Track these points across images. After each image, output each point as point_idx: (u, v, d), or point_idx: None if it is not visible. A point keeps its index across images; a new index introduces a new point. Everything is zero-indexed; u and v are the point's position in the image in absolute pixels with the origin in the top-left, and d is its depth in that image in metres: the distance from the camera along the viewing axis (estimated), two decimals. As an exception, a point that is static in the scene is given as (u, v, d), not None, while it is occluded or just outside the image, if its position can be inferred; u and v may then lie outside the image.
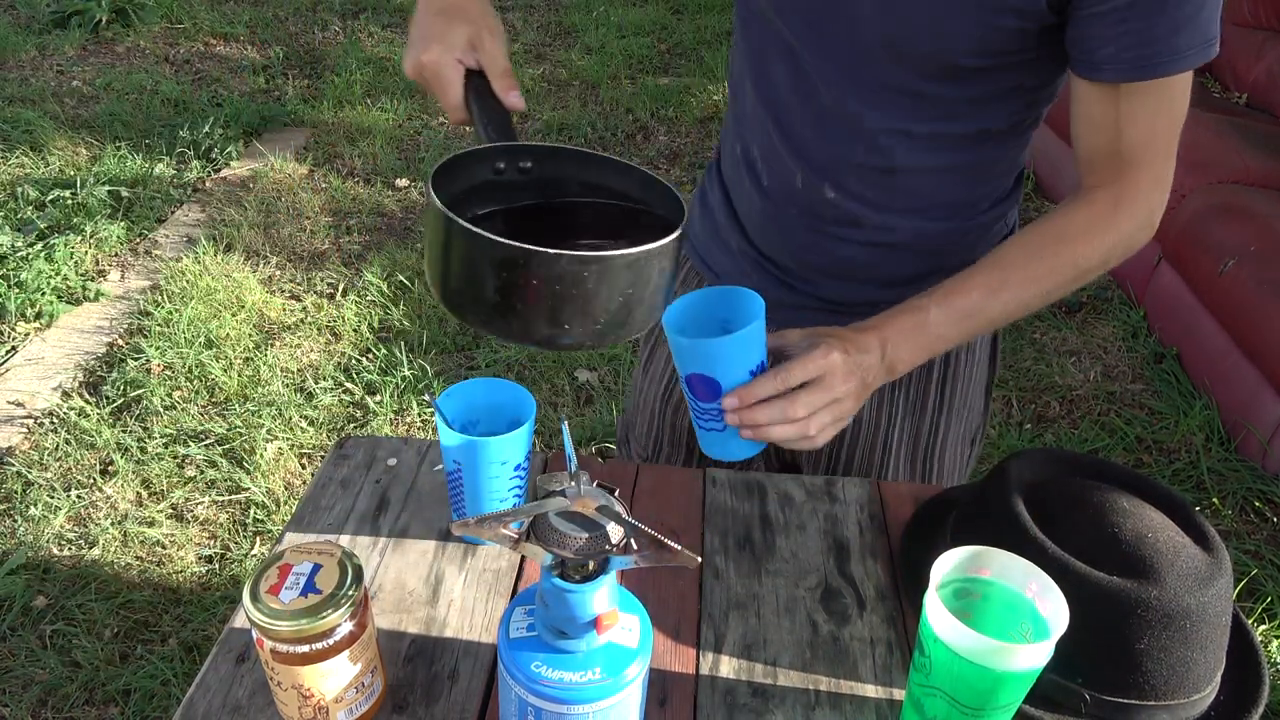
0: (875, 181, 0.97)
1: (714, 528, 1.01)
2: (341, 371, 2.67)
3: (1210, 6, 0.80)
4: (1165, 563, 0.78)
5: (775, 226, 1.06)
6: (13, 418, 2.49)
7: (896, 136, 0.94)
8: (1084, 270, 0.91)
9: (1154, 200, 0.92)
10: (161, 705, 1.80)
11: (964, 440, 1.18)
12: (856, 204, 0.99)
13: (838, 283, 1.06)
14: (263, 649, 0.73)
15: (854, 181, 0.98)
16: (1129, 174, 0.90)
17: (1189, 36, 0.80)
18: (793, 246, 1.06)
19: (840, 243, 1.02)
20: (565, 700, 0.67)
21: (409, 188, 3.66)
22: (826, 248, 1.03)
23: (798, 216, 1.03)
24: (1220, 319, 2.58)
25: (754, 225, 1.09)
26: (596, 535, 0.65)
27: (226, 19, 5.11)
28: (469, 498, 0.92)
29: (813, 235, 1.03)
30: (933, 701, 0.73)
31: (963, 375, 1.12)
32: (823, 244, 1.03)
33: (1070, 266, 0.91)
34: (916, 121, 0.93)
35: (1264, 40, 3.50)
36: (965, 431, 1.17)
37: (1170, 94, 0.86)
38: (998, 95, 0.92)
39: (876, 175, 0.97)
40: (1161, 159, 0.91)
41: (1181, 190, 2.78)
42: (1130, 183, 0.91)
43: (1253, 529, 2.29)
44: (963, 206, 1.02)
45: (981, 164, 0.99)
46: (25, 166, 3.61)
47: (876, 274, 1.04)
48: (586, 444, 2.45)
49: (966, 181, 1.00)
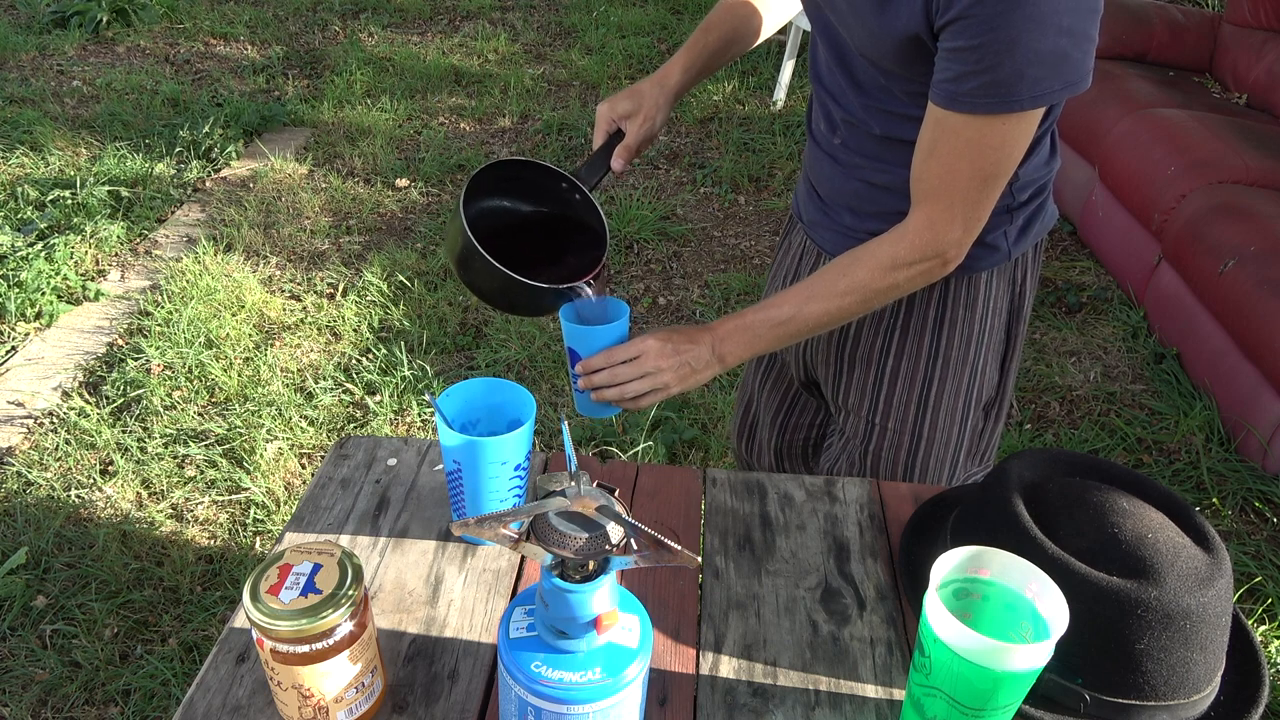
0: (866, 140, 1.14)
1: (714, 528, 1.01)
2: (341, 371, 2.67)
3: (1015, 74, 0.89)
4: (1165, 563, 0.78)
5: (814, 158, 1.26)
6: (13, 418, 2.49)
7: (875, 112, 1.10)
8: (876, 291, 1.07)
9: (941, 236, 1.03)
10: (161, 705, 1.80)
11: (973, 403, 1.25)
12: (856, 153, 1.16)
13: (850, 212, 1.22)
14: (263, 649, 0.73)
15: (853, 137, 1.15)
16: (922, 205, 1.03)
17: (1000, 89, 0.90)
18: (823, 176, 1.24)
19: (849, 179, 1.19)
20: (565, 700, 0.67)
21: (409, 188, 3.66)
22: (841, 181, 1.20)
23: (825, 155, 1.22)
24: (1220, 319, 2.58)
25: (808, 157, 1.29)
26: (596, 535, 0.65)
27: (226, 19, 5.11)
28: (469, 498, 0.92)
29: (834, 169, 1.21)
30: (933, 702, 0.73)
31: (960, 331, 1.22)
32: (839, 178, 1.20)
33: (862, 288, 1.06)
34: (887, 100, 1.07)
35: (1264, 40, 3.50)
36: (967, 390, 1.24)
37: (977, 142, 0.96)
38: None
39: (865, 137, 1.14)
40: (957, 200, 1.01)
41: (1181, 190, 2.78)
42: (922, 215, 1.03)
43: (1253, 529, 2.29)
44: None
45: None
46: (25, 166, 3.61)
47: (876, 208, 1.17)
48: (586, 444, 2.46)
49: None
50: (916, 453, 1.26)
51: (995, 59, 0.89)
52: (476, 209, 1.13)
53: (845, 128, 1.16)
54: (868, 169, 1.16)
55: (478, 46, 4.94)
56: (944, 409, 1.25)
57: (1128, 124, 3.11)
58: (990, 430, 1.32)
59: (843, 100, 1.14)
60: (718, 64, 1.28)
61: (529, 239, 1.19)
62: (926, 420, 1.25)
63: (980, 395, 1.26)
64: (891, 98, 1.07)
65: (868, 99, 1.10)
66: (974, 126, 0.94)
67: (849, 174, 1.18)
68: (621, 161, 1.21)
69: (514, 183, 1.17)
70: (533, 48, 4.99)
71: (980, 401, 1.27)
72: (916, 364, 1.23)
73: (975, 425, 1.28)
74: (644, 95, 1.22)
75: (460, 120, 4.23)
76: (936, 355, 1.22)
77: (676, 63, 1.25)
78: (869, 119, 1.11)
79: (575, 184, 1.17)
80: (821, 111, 1.20)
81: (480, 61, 4.80)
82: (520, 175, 1.17)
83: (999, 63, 0.89)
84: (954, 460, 1.28)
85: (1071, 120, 3.44)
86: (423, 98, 4.38)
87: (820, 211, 1.27)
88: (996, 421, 1.32)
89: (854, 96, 1.12)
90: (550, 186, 1.18)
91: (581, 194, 1.17)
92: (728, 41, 1.27)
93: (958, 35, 0.90)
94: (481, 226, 1.08)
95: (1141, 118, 3.10)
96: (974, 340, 1.22)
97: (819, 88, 1.19)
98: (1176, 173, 2.82)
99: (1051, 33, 0.86)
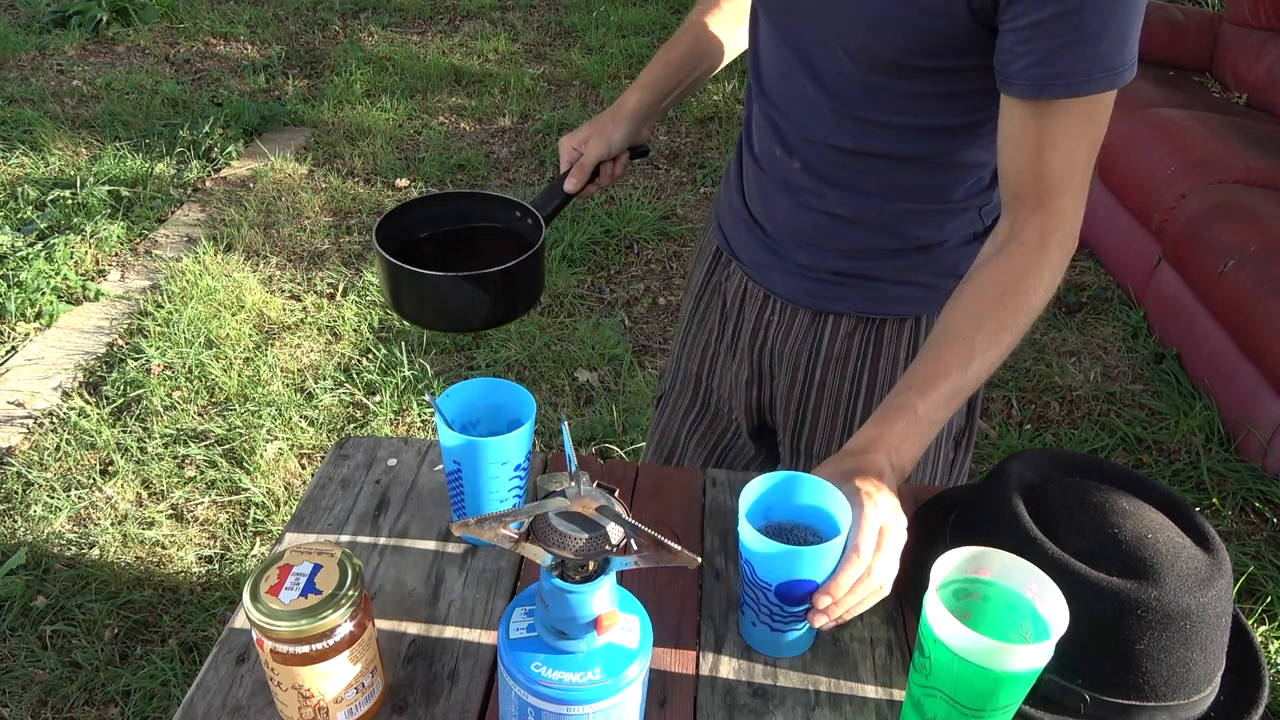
0: (835, 160, 1.03)
1: (714, 528, 1.01)
2: (341, 371, 2.67)
3: (1119, 39, 0.81)
4: (1165, 563, 0.77)
5: (759, 190, 1.14)
6: (13, 418, 2.49)
7: (851, 122, 1.00)
8: (1035, 311, 0.92)
9: (1075, 223, 0.92)
10: (161, 705, 1.80)
11: (945, 440, 1.20)
12: (818, 179, 1.06)
13: (808, 249, 1.12)
14: (263, 649, 0.73)
15: (816, 158, 1.05)
16: (1050, 201, 0.90)
17: (1094, 63, 0.82)
18: (771, 210, 1.13)
19: (807, 211, 1.09)
20: (565, 700, 0.67)
21: (409, 188, 3.66)
22: (796, 214, 1.10)
23: (775, 183, 1.11)
24: (1220, 319, 2.58)
25: (748, 187, 1.17)
26: (596, 536, 0.65)
27: (226, 19, 5.11)
28: (469, 498, 0.92)
29: (785, 201, 1.10)
30: (933, 702, 0.73)
31: None
32: (793, 210, 1.10)
33: (1024, 314, 0.91)
34: (868, 109, 0.98)
35: (1264, 40, 3.50)
36: (946, 431, 1.18)
37: (1088, 117, 0.86)
38: (948, 95, 0.95)
39: (835, 154, 1.03)
40: (1079, 181, 0.91)
41: (1181, 190, 2.78)
42: (1054, 210, 0.91)
43: (1253, 529, 2.29)
44: (918, 193, 1.05)
45: (934, 155, 1.02)
46: (25, 166, 3.61)
47: (839, 244, 1.09)
48: (586, 444, 2.45)
49: (920, 171, 1.03)
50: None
51: (1096, 27, 0.79)
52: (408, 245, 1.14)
53: (805, 147, 1.05)
54: (830, 198, 1.06)
55: (478, 46, 4.94)
56: (928, 456, 1.18)
57: (1128, 124, 3.11)
58: (961, 461, 1.24)
59: (804, 113, 1.03)
60: (686, 81, 1.21)
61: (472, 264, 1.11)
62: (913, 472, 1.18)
63: (950, 428, 1.19)
64: (874, 103, 0.97)
65: (840, 104, 0.99)
66: (1081, 107, 0.85)
67: (805, 205, 1.08)
68: (575, 182, 1.17)
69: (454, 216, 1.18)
70: (533, 48, 4.99)
71: (950, 434, 1.20)
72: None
73: (947, 458, 1.22)
74: (599, 120, 1.20)
75: (460, 120, 4.22)
76: None
77: (634, 84, 1.21)
78: (839, 131, 1.01)
79: (529, 210, 1.16)
80: (771, 131, 1.08)
81: (480, 61, 4.80)
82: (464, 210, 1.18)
83: (1100, 32, 0.79)
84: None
85: (1071, 120, 3.44)
86: (423, 97, 4.38)
87: (766, 250, 1.15)
88: (966, 451, 1.24)
89: (822, 105, 1.00)
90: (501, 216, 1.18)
91: (534, 219, 1.15)
92: (691, 56, 1.21)
93: (1039, 5, 0.79)
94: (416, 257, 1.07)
95: (1141, 118, 3.10)
96: None
97: (765, 104, 1.08)
98: (1176, 173, 2.82)
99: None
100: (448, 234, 1.19)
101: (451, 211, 1.19)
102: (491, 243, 1.17)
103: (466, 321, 1.10)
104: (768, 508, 0.86)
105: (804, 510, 0.86)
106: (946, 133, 0.99)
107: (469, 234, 1.20)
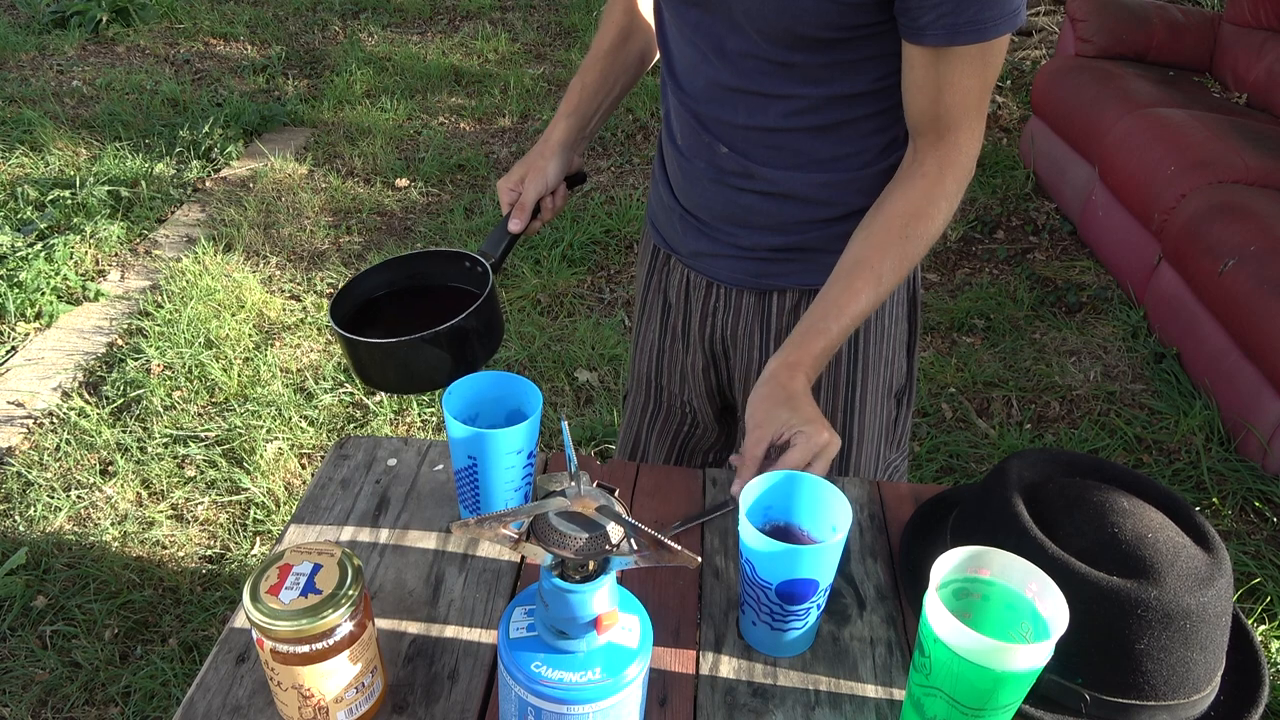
0: (758, 140, 1.08)
1: (714, 528, 1.01)
2: (341, 371, 2.67)
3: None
4: (1165, 563, 0.78)
5: (687, 180, 1.17)
6: (13, 418, 2.49)
7: (768, 100, 1.04)
8: (935, 236, 1.02)
9: (971, 154, 1.02)
10: (161, 705, 1.80)
11: (886, 395, 1.25)
12: (745, 160, 1.10)
13: (745, 231, 1.16)
14: (263, 649, 0.73)
15: (740, 140, 1.09)
16: (949, 135, 1.00)
17: (996, 9, 0.91)
18: (703, 198, 1.17)
19: (739, 193, 1.13)
20: (565, 700, 0.67)
21: (409, 188, 3.66)
22: (729, 198, 1.14)
23: (704, 170, 1.14)
24: (1220, 319, 2.58)
25: (675, 179, 1.21)
26: (596, 535, 0.65)
27: (226, 19, 5.11)
28: (483, 490, 0.92)
29: (716, 187, 1.14)
30: (933, 701, 0.73)
31: (874, 330, 1.20)
32: (725, 195, 1.14)
33: (924, 241, 1.01)
34: (784, 86, 1.03)
35: (1264, 40, 3.50)
36: (885, 386, 1.24)
37: (983, 59, 0.95)
38: (856, 61, 1.01)
39: (758, 134, 1.07)
40: (974, 117, 1.00)
41: (1181, 190, 2.78)
42: (951, 144, 1.00)
43: (1253, 529, 2.29)
44: (843, 160, 1.09)
45: (852, 122, 1.06)
46: (25, 166, 3.61)
47: (774, 221, 1.14)
48: (586, 444, 2.45)
49: (841, 139, 1.08)
50: (847, 456, 1.24)
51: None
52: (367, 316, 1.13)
53: (728, 132, 1.09)
54: (759, 177, 1.10)
55: (478, 46, 4.94)
56: (868, 408, 1.23)
57: (1128, 124, 3.11)
58: (903, 417, 1.30)
59: (723, 100, 1.07)
60: (607, 101, 1.24)
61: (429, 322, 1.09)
62: (854, 423, 1.23)
63: (892, 386, 1.25)
64: (790, 79, 1.02)
65: (757, 85, 1.04)
66: (978, 50, 0.94)
67: (736, 188, 1.12)
68: (518, 222, 1.19)
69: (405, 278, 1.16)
70: (533, 48, 4.99)
71: (893, 391, 1.26)
72: (839, 371, 1.21)
73: (890, 415, 1.27)
74: (529, 157, 1.22)
75: (460, 120, 4.23)
76: (856, 358, 1.20)
77: (556, 115, 1.23)
78: (760, 112, 1.05)
79: (477, 259, 1.15)
80: (693, 122, 1.12)
81: (480, 61, 4.80)
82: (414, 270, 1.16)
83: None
84: (877, 454, 1.27)
85: (1071, 120, 3.44)
86: (423, 98, 4.38)
87: (705, 239, 1.19)
88: (908, 408, 1.30)
89: (739, 90, 1.05)
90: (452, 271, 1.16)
91: (483, 267, 1.14)
92: (607, 76, 1.23)
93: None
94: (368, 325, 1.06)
95: (1141, 117, 3.10)
96: (885, 334, 1.21)
97: (683, 96, 1.12)
98: (1176, 172, 2.82)
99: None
100: (404, 295, 1.17)
101: (401, 275, 1.17)
102: (447, 299, 1.15)
103: (431, 379, 1.05)
104: (768, 507, 0.87)
105: (804, 510, 0.87)
106: (859, 98, 1.04)
107: (425, 291, 1.18)
